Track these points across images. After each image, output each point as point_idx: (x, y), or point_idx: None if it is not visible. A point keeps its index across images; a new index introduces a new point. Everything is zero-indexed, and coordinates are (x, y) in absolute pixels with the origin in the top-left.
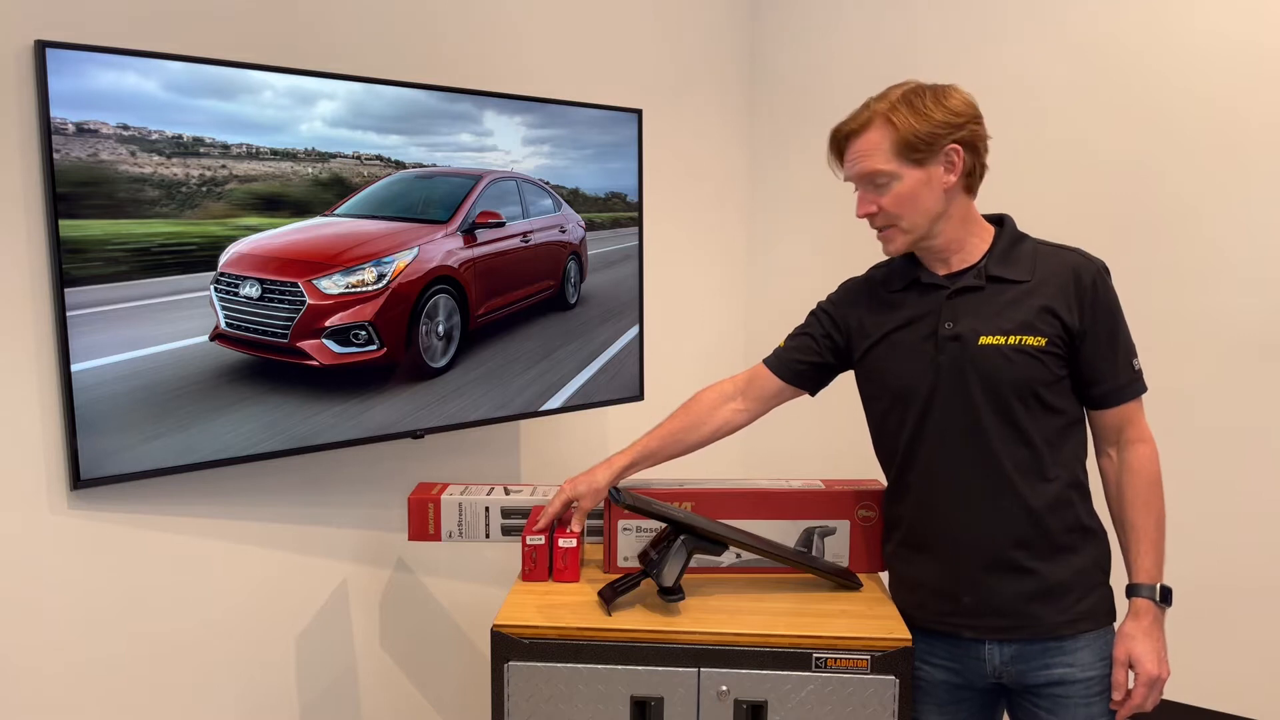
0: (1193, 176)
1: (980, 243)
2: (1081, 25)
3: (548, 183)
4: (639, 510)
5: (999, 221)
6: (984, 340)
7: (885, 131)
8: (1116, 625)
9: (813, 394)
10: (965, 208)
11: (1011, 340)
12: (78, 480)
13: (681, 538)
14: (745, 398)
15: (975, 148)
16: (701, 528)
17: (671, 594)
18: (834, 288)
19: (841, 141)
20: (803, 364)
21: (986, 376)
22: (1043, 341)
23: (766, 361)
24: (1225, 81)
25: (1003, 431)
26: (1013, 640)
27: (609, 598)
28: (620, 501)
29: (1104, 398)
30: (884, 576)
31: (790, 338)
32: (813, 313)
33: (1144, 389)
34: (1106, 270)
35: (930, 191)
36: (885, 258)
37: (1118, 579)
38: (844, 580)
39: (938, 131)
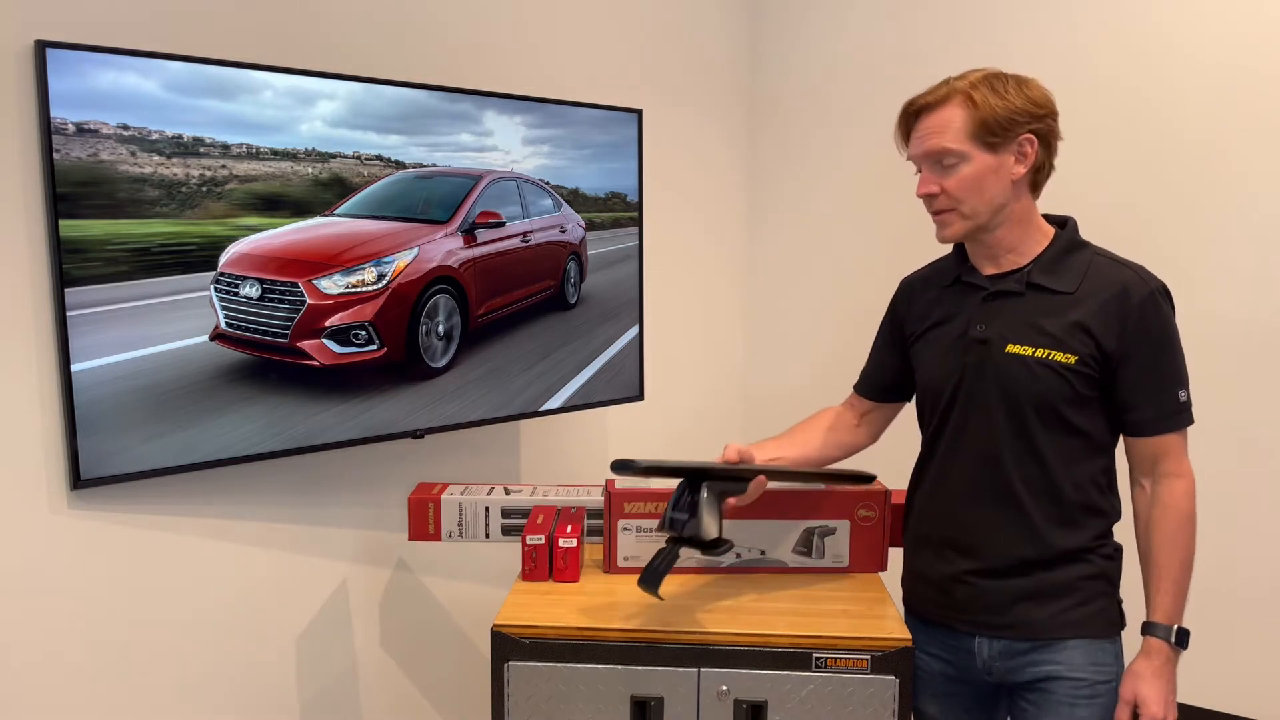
0: (1191, 176)
1: (1035, 245)
2: (1084, 24)
3: (548, 183)
4: (656, 471)
5: (1061, 224)
6: (1011, 348)
7: (963, 110)
8: (1126, 643)
9: (908, 400)
10: (1027, 206)
11: (1039, 353)
12: (78, 480)
13: (705, 485)
14: (855, 415)
15: (1049, 144)
16: (723, 469)
17: (719, 546)
18: (834, 287)
19: (912, 116)
20: (883, 381)
21: (1006, 386)
22: (1072, 359)
23: (856, 387)
24: (1226, 81)
25: (1015, 445)
26: (1002, 636)
27: (653, 580)
28: (636, 467)
29: (1139, 426)
30: (884, 576)
31: (868, 358)
32: (880, 324)
33: (1188, 422)
34: (1164, 293)
35: (998, 180)
36: (896, 252)
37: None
38: (859, 481)
39: (1016, 118)
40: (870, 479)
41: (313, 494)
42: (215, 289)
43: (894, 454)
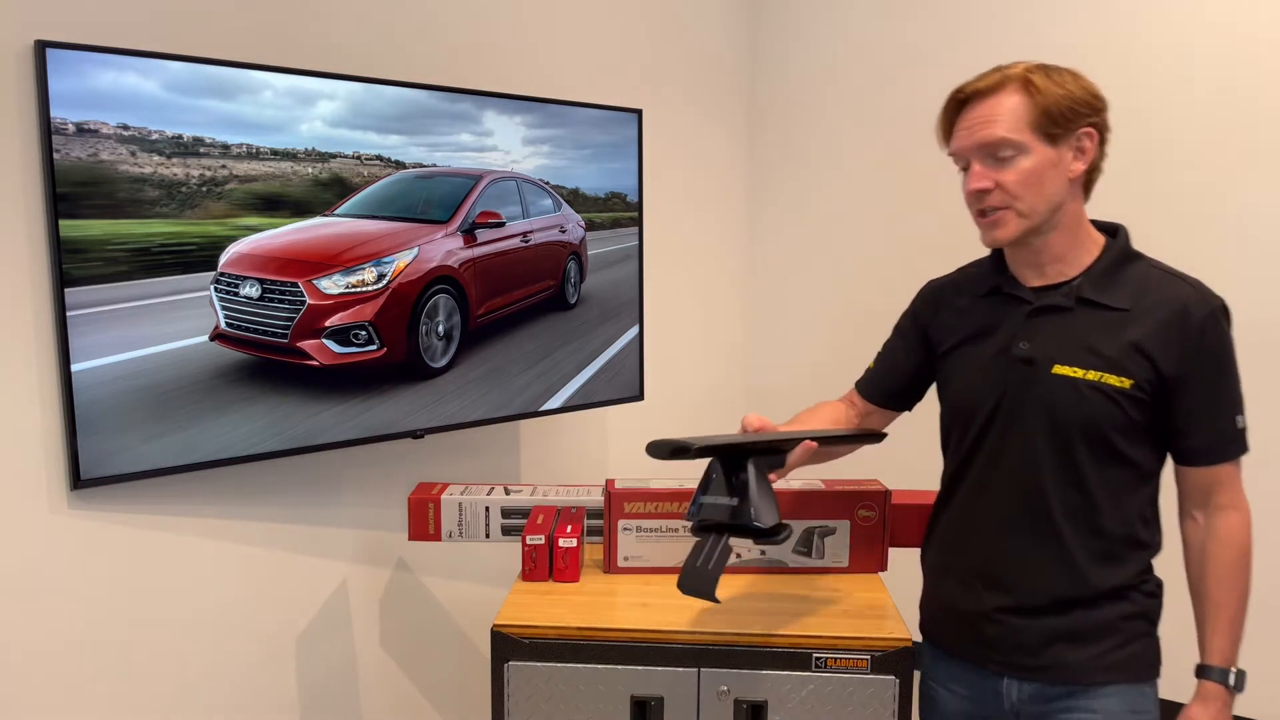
0: (1190, 176)
1: (1085, 255)
2: (1084, 24)
3: (548, 183)
4: (710, 451)
5: (1112, 232)
6: (1059, 369)
7: (1021, 97)
8: (1160, 683)
9: (909, 409)
10: (1079, 209)
11: (1090, 375)
12: (78, 480)
13: (752, 462)
14: (855, 414)
15: (1103, 141)
16: (769, 440)
17: (779, 533)
18: (834, 287)
19: (960, 105)
20: (892, 386)
21: (1052, 410)
22: (1127, 383)
23: (858, 385)
24: (1232, 75)
25: (1058, 473)
26: (1035, 679)
27: (706, 581)
28: (691, 449)
29: (1194, 454)
30: (884, 577)
31: (877, 359)
32: (897, 326)
33: (1243, 450)
34: (1225, 311)
35: (1057, 176)
36: (896, 251)
37: (1171, 633)
38: (869, 439)
39: (1078, 108)
40: (883, 436)
41: (313, 494)
42: (215, 289)
43: (896, 454)
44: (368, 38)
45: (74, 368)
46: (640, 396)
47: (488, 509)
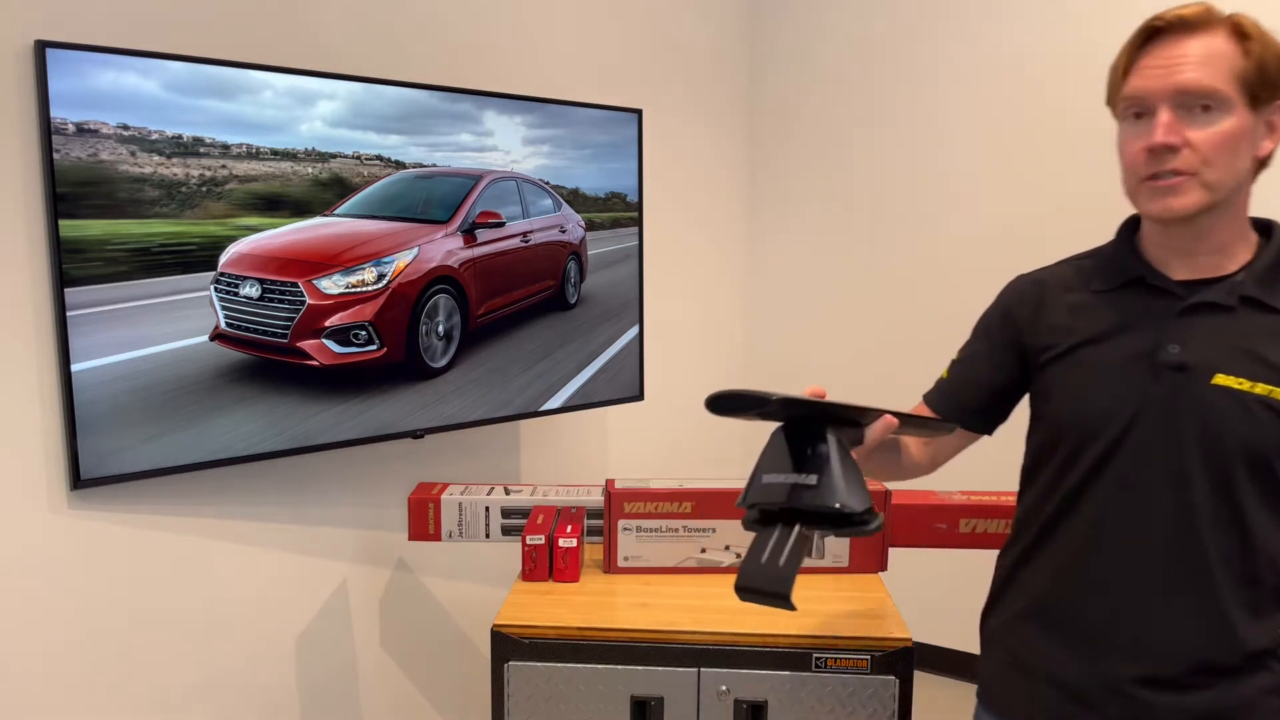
0: None
1: (1244, 249)
2: (1089, 22)
3: (548, 183)
4: (791, 405)
5: (1265, 230)
6: (1220, 379)
7: (1233, 43)
8: None
9: (989, 433)
10: (1247, 196)
11: (1259, 389)
12: (78, 480)
13: (832, 432)
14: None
15: None
16: (856, 407)
17: (870, 520)
18: (834, 287)
19: (1150, 37)
20: (973, 401)
21: (1212, 429)
22: None
23: (927, 398)
24: None
25: (1217, 510)
26: None
27: (778, 583)
28: (769, 404)
29: None
30: (884, 577)
31: (953, 366)
32: (979, 328)
33: None
34: None
35: (1249, 149)
36: (897, 251)
37: None
38: (944, 429)
39: None
40: (952, 428)
41: (313, 494)
42: (215, 289)
43: None
44: (368, 38)
45: (74, 368)
46: (640, 396)
47: (488, 509)
